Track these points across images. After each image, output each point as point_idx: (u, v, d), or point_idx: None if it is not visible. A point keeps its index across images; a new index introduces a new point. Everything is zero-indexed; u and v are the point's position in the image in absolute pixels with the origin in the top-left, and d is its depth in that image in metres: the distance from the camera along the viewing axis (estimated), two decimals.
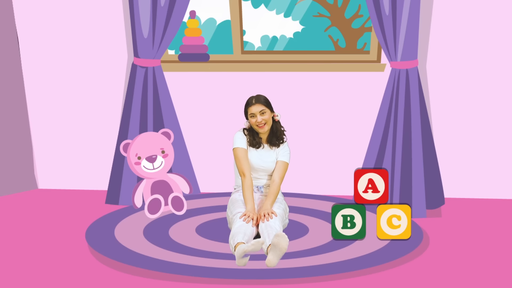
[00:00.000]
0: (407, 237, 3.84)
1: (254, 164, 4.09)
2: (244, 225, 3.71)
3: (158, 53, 4.81)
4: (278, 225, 3.75)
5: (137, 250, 3.67)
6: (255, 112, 4.00)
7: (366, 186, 3.91)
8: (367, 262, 3.49)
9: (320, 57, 5.12)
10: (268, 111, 4.04)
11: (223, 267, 3.39)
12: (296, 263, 3.44)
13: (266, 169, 4.11)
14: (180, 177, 4.60)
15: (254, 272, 3.35)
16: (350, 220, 3.84)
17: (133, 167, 4.46)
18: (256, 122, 4.01)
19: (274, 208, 3.96)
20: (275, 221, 3.77)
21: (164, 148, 4.53)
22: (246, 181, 3.99)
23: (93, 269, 3.56)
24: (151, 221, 4.33)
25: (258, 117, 4.01)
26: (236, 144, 4.08)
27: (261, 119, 4.01)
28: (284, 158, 4.11)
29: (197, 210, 4.62)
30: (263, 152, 4.11)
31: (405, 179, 4.58)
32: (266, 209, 3.85)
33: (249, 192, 3.96)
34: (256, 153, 4.11)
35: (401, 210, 3.85)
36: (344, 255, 3.59)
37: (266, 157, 4.10)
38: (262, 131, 4.04)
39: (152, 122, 4.88)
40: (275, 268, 3.37)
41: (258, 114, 4.00)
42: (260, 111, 4.01)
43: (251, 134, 4.11)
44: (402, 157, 4.59)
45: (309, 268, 3.38)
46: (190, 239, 3.94)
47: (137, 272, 3.49)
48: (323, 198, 4.88)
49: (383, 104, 4.66)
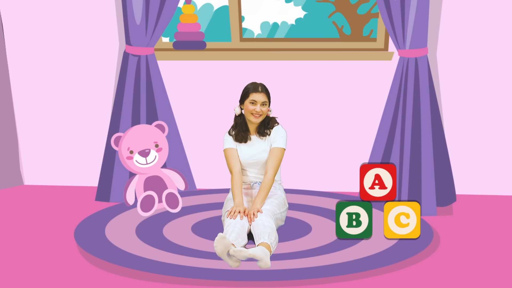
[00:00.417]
0: (416, 236, 3.84)
1: (245, 159, 4.12)
2: (232, 223, 3.72)
3: (151, 40, 4.80)
4: (267, 220, 3.74)
5: (129, 250, 3.67)
6: (258, 100, 4.02)
7: (373, 182, 3.91)
8: (373, 263, 3.49)
9: (324, 45, 5.12)
10: (268, 104, 4.07)
11: (221, 268, 3.39)
12: (298, 264, 3.44)
13: (258, 161, 4.12)
14: (175, 173, 4.60)
15: (253, 274, 3.36)
16: (355, 218, 3.84)
17: (125, 162, 4.46)
18: (254, 110, 4.01)
19: (265, 204, 3.95)
20: (263, 217, 3.76)
21: (157, 141, 4.53)
22: (233, 178, 4.04)
23: (83, 270, 3.55)
24: (144, 219, 4.33)
25: (258, 107, 4.01)
26: (225, 145, 4.15)
27: (260, 109, 4.02)
28: (278, 144, 4.08)
29: (193, 207, 4.61)
30: (252, 145, 4.14)
31: (414, 175, 4.58)
32: (253, 208, 3.85)
33: (236, 188, 4.00)
34: (244, 148, 4.14)
35: (409, 207, 3.85)
36: (349, 255, 3.59)
37: (255, 148, 4.12)
38: (255, 121, 4.06)
39: (145, 114, 4.88)
40: (276, 269, 3.37)
41: (259, 103, 4.00)
42: (263, 102, 4.03)
43: (237, 128, 4.13)
44: (411, 151, 4.58)
45: (311, 269, 3.37)
46: (185, 238, 3.94)
47: (129, 273, 3.48)
48: (326, 194, 4.88)
49: (391, 95, 4.66)
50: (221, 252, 3.38)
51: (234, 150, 4.13)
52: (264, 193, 3.95)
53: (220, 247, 3.38)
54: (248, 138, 4.14)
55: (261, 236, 3.59)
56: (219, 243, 3.38)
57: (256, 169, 4.15)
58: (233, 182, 4.02)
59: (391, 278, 3.43)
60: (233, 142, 4.15)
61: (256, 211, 3.81)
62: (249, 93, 4.05)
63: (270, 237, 3.59)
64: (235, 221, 3.72)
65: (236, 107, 4.15)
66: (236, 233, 3.60)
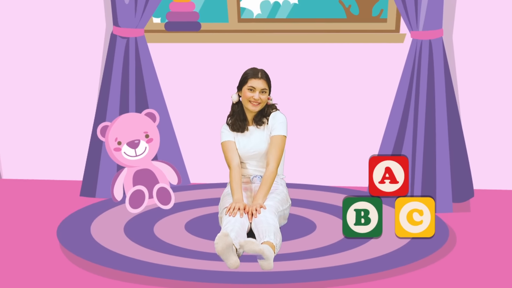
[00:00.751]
0: (430, 235, 3.84)
1: (244, 152, 4.12)
2: (231, 220, 3.72)
3: (141, 21, 4.80)
4: (271, 217, 3.75)
5: (117, 251, 3.67)
6: (256, 87, 4.02)
7: (383, 176, 3.92)
8: (383, 265, 3.49)
9: (329, 26, 5.12)
10: (267, 92, 4.08)
11: (218, 270, 3.39)
12: (301, 265, 3.44)
13: (258, 153, 4.12)
14: (167, 166, 4.61)
15: (253, 276, 3.36)
16: (364, 215, 3.85)
17: (112, 154, 4.46)
18: (252, 98, 4.02)
19: (268, 200, 3.96)
20: (266, 214, 3.77)
21: (148, 131, 4.53)
22: (232, 173, 4.05)
23: (66, 272, 3.55)
24: (133, 217, 4.33)
25: (257, 94, 4.01)
26: (222, 139, 4.17)
27: (259, 97, 4.02)
28: (278, 131, 4.07)
29: (187, 203, 4.62)
30: (250, 135, 4.14)
31: (428, 168, 4.58)
32: (255, 204, 3.87)
33: (235, 183, 4.00)
34: (243, 139, 4.14)
35: (423, 203, 3.85)
36: (356, 256, 3.59)
37: (254, 139, 4.13)
38: (253, 110, 4.06)
39: (134, 101, 4.87)
40: (277, 271, 3.37)
41: (258, 91, 4.00)
42: (262, 89, 4.03)
43: (234, 117, 4.15)
44: (425, 142, 4.59)
45: (315, 271, 3.37)
46: (178, 237, 3.94)
47: (117, 275, 3.48)
48: (332, 189, 4.89)
49: (403, 81, 4.66)
50: (222, 250, 3.38)
51: (232, 143, 4.14)
52: (267, 188, 3.95)
53: (221, 245, 3.37)
54: (245, 128, 4.14)
55: (265, 235, 3.58)
56: (220, 241, 3.38)
57: (255, 162, 4.16)
58: (232, 177, 4.02)
59: (402, 280, 3.43)
60: (231, 134, 4.15)
61: (259, 206, 3.81)
62: (248, 78, 4.05)
63: (276, 238, 3.59)
64: (234, 218, 3.72)
65: (234, 94, 4.15)
66: (235, 232, 3.60)
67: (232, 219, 3.72)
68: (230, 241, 3.39)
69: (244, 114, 4.15)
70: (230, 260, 3.40)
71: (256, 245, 3.37)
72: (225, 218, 3.77)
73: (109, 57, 4.84)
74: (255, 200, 3.90)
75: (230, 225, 3.65)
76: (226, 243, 3.38)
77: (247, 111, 4.13)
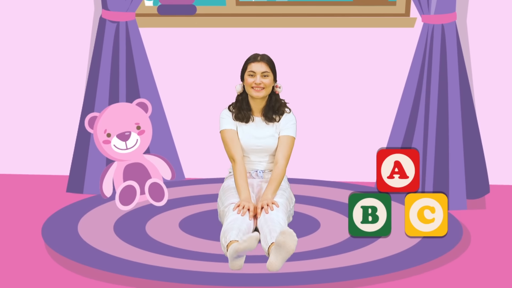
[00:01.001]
0: (443, 234, 3.84)
1: (246, 144, 4.11)
2: (239, 218, 3.71)
3: (132, 4, 4.80)
4: (282, 218, 3.76)
5: (106, 251, 3.67)
6: (256, 70, 4.02)
7: (392, 170, 3.92)
8: (392, 266, 3.49)
9: (335, 9, 5.12)
10: (271, 76, 4.06)
11: (214, 271, 3.39)
12: (305, 267, 3.44)
13: (264, 148, 4.12)
14: (159, 159, 4.61)
15: (252, 278, 3.35)
16: (371, 212, 3.85)
17: (101, 147, 4.46)
18: (253, 83, 4.01)
19: (277, 197, 3.97)
20: (278, 213, 3.78)
21: (139, 122, 4.53)
22: (237, 167, 4.03)
23: (51, 273, 3.55)
24: (124, 214, 4.33)
25: (258, 78, 4.00)
26: (222, 126, 4.14)
27: (261, 81, 4.01)
28: (289, 132, 4.11)
29: (181, 200, 4.62)
30: (256, 128, 4.13)
31: (440, 162, 4.59)
32: (266, 199, 3.86)
33: (242, 179, 3.98)
34: (247, 130, 4.13)
35: (435, 200, 3.85)
36: (363, 256, 3.59)
37: (261, 132, 4.12)
38: (256, 96, 4.04)
39: (125, 90, 4.87)
40: (278, 273, 3.36)
41: (259, 74, 3.99)
42: (262, 72, 4.02)
43: (237, 105, 4.13)
44: (437, 134, 4.59)
45: (320, 273, 3.37)
46: (172, 236, 3.94)
47: (106, 277, 3.48)
48: (337, 185, 4.89)
49: (413, 68, 4.66)
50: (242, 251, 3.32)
51: (234, 132, 4.11)
52: (276, 184, 3.97)
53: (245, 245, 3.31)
54: (250, 118, 4.12)
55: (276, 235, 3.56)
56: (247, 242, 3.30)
57: (257, 156, 4.15)
58: (238, 173, 4.00)
59: (412, 283, 3.43)
60: (232, 122, 4.13)
61: (271, 202, 3.82)
62: (246, 65, 4.06)
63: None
64: (241, 218, 3.71)
65: (237, 85, 4.14)
66: (243, 232, 3.61)
67: (239, 218, 3.71)
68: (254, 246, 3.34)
69: (249, 104, 4.13)
70: (238, 262, 3.39)
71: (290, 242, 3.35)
72: (231, 214, 3.76)
73: (98, 43, 4.83)
74: (265, 195, 3.90)
75: (236, 224, 3.64)
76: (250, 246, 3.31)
77: (252, 100, 4.11)
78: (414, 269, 3.55)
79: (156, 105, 4.96)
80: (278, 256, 3.37)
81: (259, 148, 4.12)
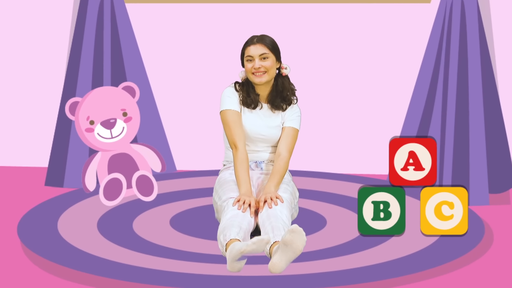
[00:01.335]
0: (463, 232, 3.84)
1: (250, 131, 4.10)
2: (239, 215, 3.71)
3: None
4: (286, 214, 3.76)
5: (89, 251, 3.67)
6: (253, 54, 4.01)
7: (406, 162, 3.91)
8: (406, 267, 3.49)
9: None
10: (272, 57, 4.04)
11: (210, 273, 3.38)
12: (309, 268, 3.44)
13: (267, 138, 4.12)
14: (148, 150, 4.61)
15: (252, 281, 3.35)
16: (383, 208, 3.85)
17: (84, 136, 4.45)
18: (252, 68, 4.00)
19: (280, 191, 3.97)
20: (282, 209, 3.78)
21: (126, 109, 4.52)
22: (239, 155, 3.99)
23: (29, 276, 3.54)
24: (109, 210, 4.34)
25: (257, 62, 3.98)
26: (225, 106, 4.09)
27: (260, 65, 3.98)
28: (293, 124, 4.12)
29: (172, 194, 4.64)
30: (262, 116, 4.12)
31: (459, 152, 4.60)
32: (269, 192, 3.86)
33: (243, 170, 3.96)
34: (252, 117, 4.11)
35: (454, 194, 3.84)
36: (374, 257, 3.59)
37: (268, 121, 4.12)
38: (259, 82, 4.03)
39: (110, 73, 4.89)
40: (281, 275, 3.36)
41: (257, 57, 3.97)
42: (260, 54, 4.00)
43: (245, 89, 4.09)
44: (456, 121, 4.61)
45: (326, 275, 3.37)
46: (162, 235, 3.95)
47: (89, 280, 3.47)
48: (346, 178, 4.92)
49: (429, 48, 4.68)
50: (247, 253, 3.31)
51: (238, 114, 4.07)
52: (279, 177, 3.98)
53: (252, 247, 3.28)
54: (258, 103, 4.10)
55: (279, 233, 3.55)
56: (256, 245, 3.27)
57: (258, 146, 4.14)
58: (239, 162, 3.97)
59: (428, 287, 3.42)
60: (238, 104, 4.09)
61: (275, 197, 3.80)
62: (244, 49, 4.06)
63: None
64: (242, 215, 3.70)
65: (241, 71, 4.16)
66: (244, 231, 3.59)
67: (239, 214, 3.70)
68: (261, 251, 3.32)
69: (255, 89, 4.11)
70: (239, 264, 3.38)
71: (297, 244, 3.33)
72: (231, 210, 3.75)
73: (80, 21, 4.83)
74: (267, 188, 3.89)
75: (237, 221, 3.63)
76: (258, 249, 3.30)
77: (257, 86, 4.10)
78: (430, 272, 3.54)
79: (144, 89, 4.96)
80: (282, 257, 3.35)
81: (263, 138, 4.11)
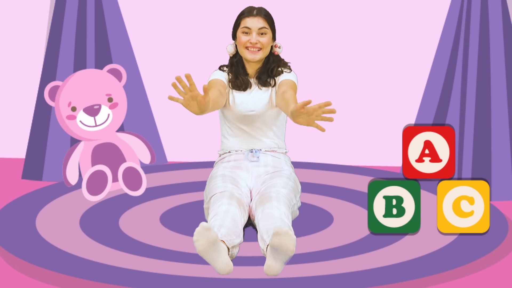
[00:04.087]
0: (484, 230, 3.84)
1: (240, 108, 4.10)
2: (220, 212, 3.69)
3: None
4: (284, 212, 3.75)
5: (71, 251, 3.67)
6: (252, 27, 4.02)
7: (421, 153, 3.91)
8: (422, 269, 3.50)
9: None
10: (270, 34, 4.06)
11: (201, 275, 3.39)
12: (313, 270, 3.44)
13: (258, 113, 4.11)
14: (136, 139, 4.63)
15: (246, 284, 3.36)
16: (396, 204, 3.85)
17: (65, 123, 4.46)
18: (248, 42, 4.02)
19: (280, 186, 3.94)
20: (279, 206, 3.77)
21: (111, 94, 4.54)
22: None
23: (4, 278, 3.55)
24: (93, 206, 4.35)
25: (254, 36, 4.00)
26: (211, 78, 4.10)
27: (257, 40, 4.01)
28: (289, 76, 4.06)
29: (163, 189, 4.67)
30: (250, 93, 4.14)
31: (480, 142, 4.62)
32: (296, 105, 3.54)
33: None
34: (241, 96, 4.13)
35: (474, 188, 3.84)
36: (386, 258, 3.60)
37: (258, 97, 4.12)
38: (252, 59, 4.06)
39: (94, 54, 4.91)
40: (279, 278, 3.37)
41: (255, 31, 3.99)
42: (259, 28, 4.02)
43: (234, 70, 4.13)
44: (476, 108, 4.62)
45: (333, 278, 3.38)
46: (152, 233, 3.97)
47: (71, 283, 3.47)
48: (354, 170, 4.94)
49: (446, 31, 4.71)
50: (204, 250, 3.36)
51: (222, 83, 4.05)
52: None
53: (202, 242, 3.34)
54: (249, 84, 4.13)
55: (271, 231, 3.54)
56: (200, 237, 3.34)
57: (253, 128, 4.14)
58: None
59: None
60: (224, 79, 4.09)
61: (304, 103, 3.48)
62: (239, 20, 4.06)
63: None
64: (224, 209, 3.69)
65: (229, 45, 4.13)
66: (226, 228, 3.58)
67: (221, 210, 3.70)
68: (214, 236, 3.35)
69: (245, 67, 4.12)
70: (219, 263, 3.38)
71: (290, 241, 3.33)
72: (213, 209, 3.75)
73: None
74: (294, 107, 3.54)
75: (218, 219, 3.63)
76: (208, 239, 3.34)
77: (247, 63, 4.10)
78: (448, 274, 3.53)
79: (132, 73, 4.97)
80: (276, 259, 3.37)
81: (252, 114, 4.10)
